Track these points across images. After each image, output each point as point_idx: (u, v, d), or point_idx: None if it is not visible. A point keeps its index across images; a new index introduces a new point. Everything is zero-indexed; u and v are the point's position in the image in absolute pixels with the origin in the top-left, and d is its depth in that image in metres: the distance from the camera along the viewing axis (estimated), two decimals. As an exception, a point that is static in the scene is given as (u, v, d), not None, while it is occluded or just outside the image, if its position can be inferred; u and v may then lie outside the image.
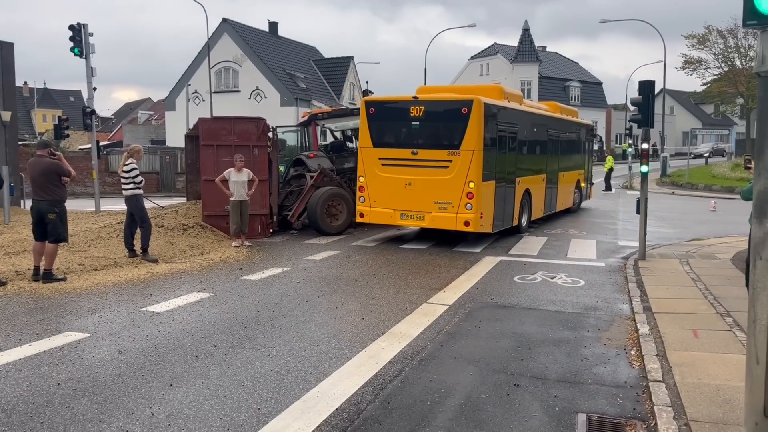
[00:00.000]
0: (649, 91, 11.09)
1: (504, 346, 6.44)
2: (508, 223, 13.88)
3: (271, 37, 48.47)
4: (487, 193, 12.56)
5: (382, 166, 12.93)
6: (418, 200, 12.52)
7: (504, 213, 13.47)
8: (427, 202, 12.43)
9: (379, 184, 12.92)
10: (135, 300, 8.24)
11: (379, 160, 12.95)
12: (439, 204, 12.34)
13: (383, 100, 13.81)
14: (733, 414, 4.54)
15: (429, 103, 12.73)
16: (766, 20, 3.21)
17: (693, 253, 11.80)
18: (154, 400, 4.91)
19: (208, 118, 15.40)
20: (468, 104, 12.15)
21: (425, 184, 12.47)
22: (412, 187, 12.55)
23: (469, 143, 12.12)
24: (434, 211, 12.41)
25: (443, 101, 13.01)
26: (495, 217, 12.99)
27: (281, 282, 9.49)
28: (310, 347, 6.30)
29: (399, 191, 12.64)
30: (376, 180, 12.97)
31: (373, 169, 12.99)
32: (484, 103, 12.28)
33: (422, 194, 12.45)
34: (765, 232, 3.36)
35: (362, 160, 13.23)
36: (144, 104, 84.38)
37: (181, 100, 42.77)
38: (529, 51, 59.49)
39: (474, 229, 12.27)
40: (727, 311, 7.44)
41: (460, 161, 12.18)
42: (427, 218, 12.54)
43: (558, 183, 17.18)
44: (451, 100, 12.90)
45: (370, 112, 13.15)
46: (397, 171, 12.73)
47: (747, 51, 51.23)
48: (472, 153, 12.11)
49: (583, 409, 4.85)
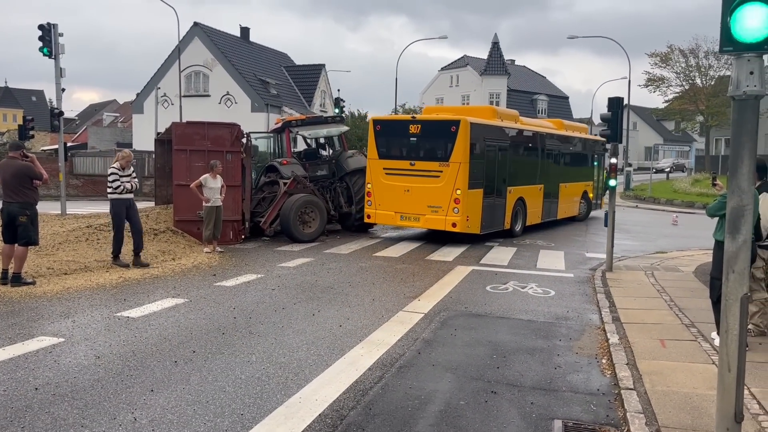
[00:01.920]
0: (618, 107, 11.45)
1: (480, 353, 6.57)
2: (498, 227, 15.54)
3: (243, 43, 48.21)
4: (473, 199, 14.34)
5: (385, 175, 14.89)
6: (414, 204, 14.44)
7: (493, 217, 15.20)
8: (422, 206, 14.35)
9: (383, 190, 14.89)
10: (108, 305, 8.15)
11: (383, 169, 14.94)
12: (432, 208, 14.23)
13: (388, 119, 16.25)
14: (701, 420, 4.74)
15: (424, 122, 14.89)
16: (741, 47, 3.41)
17: (657, 266, 12.16)
18: (135, 405, 4.89)
19: (182, 123, 15.29)
20: (456, 123, 14.09)
21: (420, 191, 14.34)
22: (410, 193, 14.50)
23: (457, 156, 13.99)
24: (428, 214, 14.33)
25: (436, 120, 14.97)
26: (483, 220, 14.74)
27: (256, 288, 9.48)
28: (289, 354, 6.33)
29: (399, 196, 14.61)
30: (380, 187, 14.94)
31: (379, 177, 14.98)
32: (470, 122, 14.15)
33: (418, 199, 14.38)
34: (737, 246, 3.55)
35: (370, 170, 15.24)
36: (109, 106, 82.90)
37: (150, 103, 42.19)
38: (498, 64, 60.37)
39: (460, 229, 14.09)
40: (692, 322, 7.72)
41: (449, 171, 14.04)
42: (422, 220, 14.51)
43: (559, 193, 18.71)
44: (442, 120, 14.82)
45: (377, 128, 15.22)
46: (398, 179, 14.69)
47: (707, 70, 52.94)
48: (459, 165, 13.98)
49: (558, 416, 5.00)
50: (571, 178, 19.64)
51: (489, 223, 15.07)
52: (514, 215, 16.18)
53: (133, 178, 11.12)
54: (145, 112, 43.54)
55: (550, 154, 18.24)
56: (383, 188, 14.86)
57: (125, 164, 10.98)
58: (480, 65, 61.36)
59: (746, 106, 3.46)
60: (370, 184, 15.16)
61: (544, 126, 19.26)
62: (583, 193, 21.05)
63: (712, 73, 52.55)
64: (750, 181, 3.51)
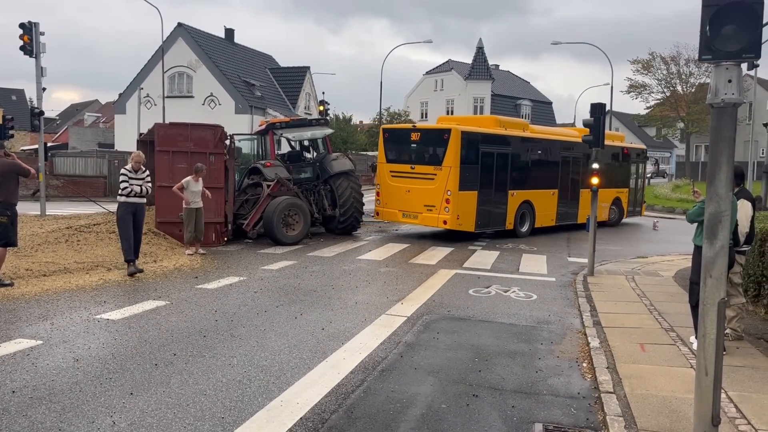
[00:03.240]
0: (600, 113, 11.55)
1: (462, 357, 6.59)
2: (498, 227, 17.03)
3: (227, 44, 48.00)
4: (464, 200, 15.72)
5: (391, 177, 16.72)
6: (413, 203, 16.11)
7: (490, 217, 16.64)
8: (419, 205, 16.00)
9: (389, 191, 16.73)
10: (88, 307, 8.06)
11: (389, 172, 16.78)
12: (427, 207, 15.83)
13: (394, 128, 18.26)
14: (679, 424, 4.80)
15: (422, 130, 16.81)
16: (720, 55, 3.47)
17: (638, 270, 12.29)
18: (114, 409, 4.84)
19: (165, 124, 15.17)
20: (448, 132, 15.73)
21: (418, 192, 16.00)
22: (410, 193, 16.21)
23: (448, 161, 15.55)
24: (424, 212, 15.94)
25: (431, 129, 16.87)
26: (477, 220, 16.21)
27: (238, 291, 9.43)
28: (271, 357, 6.30)
29: (401, 196, 16.37)
30: (387, 187, 16.81)
31: (386, 179, 16.86)
32: (461, 131, 15.71)
33: (416, 199, 16.04)
34: (715, 252, 3.60)
35: (379, 172, 17.24)
36: (91, 106, 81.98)
37: (132, 103, 41.85)
38: (482, 69, 60.68)
39: (451, 227, 15.75)
40: (671, 326, 7.81)
41: (441, 174, 15.63)
42: (419, 217, 16.08)
43: (580, 198, 19.54)
44: (436, 129, 16.68)
45: (386, 136, 17.26)
46: (401, 181, 16.47)
47: (688, 78, 53.70)
48: (450, 168, 15.52)
49: (539, 419, 5.03)
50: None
51: (485, 223, 16.51)
52: (520, 217, 17.47)
53: (146, 181, 10.59)
54: (127, 113, 43.19)
55: (566, 161, 19.14)
56: (389, 189, 16.72)
57: (137, 166, 10.56)
58: (464, 70, 61.62)
59: (724, 114, 3.52)
60: (379, 185, 17.13)
61: (558, 134, 20.13)
62: (615, 199, 21.67)
63: (693, 80, 53.37)
64: (728, 187, 3.56)
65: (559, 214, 19.00)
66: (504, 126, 17.82)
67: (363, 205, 17.02)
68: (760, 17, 3.44)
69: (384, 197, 16.85)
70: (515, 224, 17.35)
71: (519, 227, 17.49)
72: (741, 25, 3.42)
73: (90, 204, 15.76)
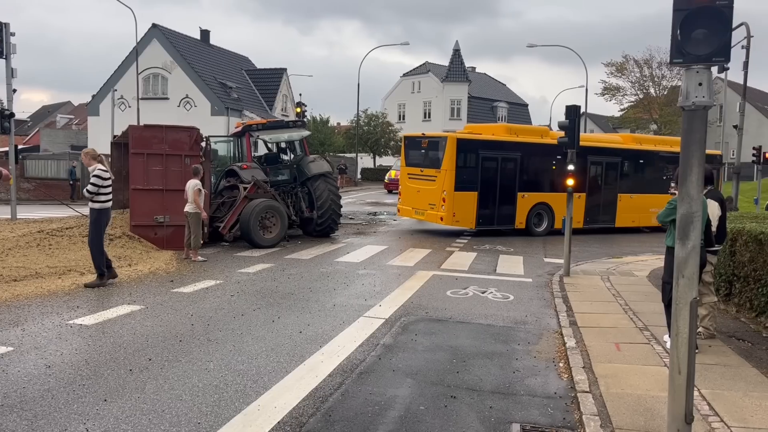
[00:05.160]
0: (575, 115, 11.68)
1: (440, 358, 6.60)
2: (505, 225, 18.58)
3: (203, 45, 47.60)
4: (461, 200, 17.50)
5: (408, 179, 19.02)
6: (421, 202, 18.24)
7: (494, 216, 18.30)
8: (425, 203, 18.11)
9: (407, 191, 19.04)
10: (60, 312, 7.92)
11: (407, 174, 19.09)
12: (430, 205, 17.88)
13: (411, 135, 20.01)
14: (654, 422, 4.86)
15: (429, 138, 18.87)
16: (690, 59, 3.52)
17: (613, 271, 12.44)
18: (87, 416, 4.76)
19: (139, 126, 14.98)
20: (445, 139, 17.84)
21: (425, 192, 18.13)
22: (420, 193, 18.38)
23: (445, 165, 17.43)
24: (428, 210, 17.98)
25: (434, 137, 18.91)
26: (478, 218, 17.94)
27: (215, 295, 9.34)
28: (248, 361, 6.25)
29: (414, 195, 18.59)
30: (405, 188, 19.17)
31: (405, 180, 19.24)
32: (456, 138, 17.82)
33: (423, 198, 18.15)
34: (687, 252, 3.66)
35: (401, 174, 19.70)
36: (63, 108, 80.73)
37: (106, 105, 41.27)
38: (459, 71, 61.00)
39: (447, 223, 17.67)
40: (646, 325, 7.91)
41: (440, 176, 17.60)
42: (425, 214, 18.12)
43: (617, 203, 20.33)
44: (437, 136, 18.83)
45: (405, 143, 19.72)
46: (414, 182, 18.67)
47: (660, 80, 54.59)
48: (446, 171, 17.42)
49: (516, 419, 5.05)
50: (639, 190, 20.69)
51: (488, 221, 18.19)
52: (536, 217, 18.84)
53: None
54: (101, 115, 42.60)
55: (596, 165, 19.85)
56: (407, 189, 19.02)
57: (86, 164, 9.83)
58: (441, 72, 61.89)
59: (695, 116, 3.57)
60: (401, 186, 19.57)
61: (588, 140, 20.86)
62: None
63: (665, 83, 54.27)
64: (699, 188, 3.62)
65: (588, 217, 19.82)
66: (515, 133, 19.23)
67: (341, 207, 16.98)
68: (729, 21, 3.50)
69: (403, 196, 19.30)
70: (528, 224, 18.67)
71: (534, 227, 18.78)
72: (711, 29, 3.48)
73: (62, 207, 15.51)
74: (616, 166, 20.32)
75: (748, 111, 36.01)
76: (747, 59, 21.91)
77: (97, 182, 9.45)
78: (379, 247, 15.11)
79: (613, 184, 20.24)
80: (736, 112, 27.99)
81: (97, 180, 9.46)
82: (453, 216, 17.42)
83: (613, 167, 20.25)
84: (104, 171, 9.58)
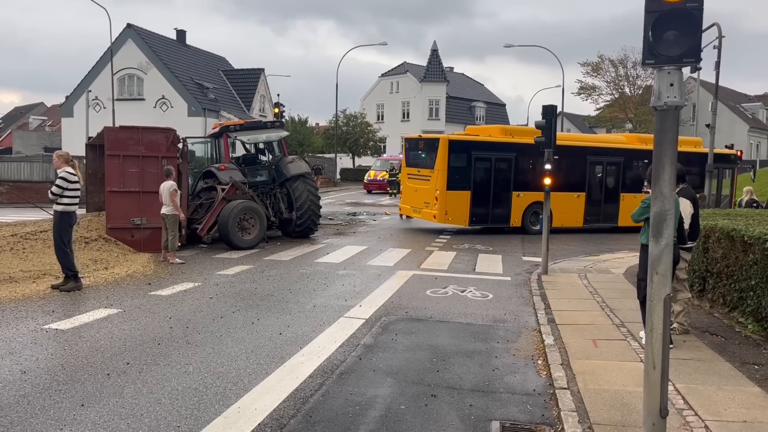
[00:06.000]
0: (552, 115, 11.81)
1: (420, 358, 6.64)
2: (500, 224, 19.00)
3: (179, 46, 47.14)
4: (453, 198, 18.10)
5: (408, 179, 19.90)
6: (418, 200, 19.10)
7: (488, 215, 18.77)
8: (420, 202, 18.96)
9: (406, 190, 20.17)
10: (35, 317, 7.80)
11: (407, 174, 19.95)
12: (425, 203, 18.69)
13: (410, 137, 21.05)
14: (630, 417, 4.94)
15: (425, 140, 20.13)
16: (662, 60, 3.59)
17: (590, 268, 12.60)
18: (65, 422, 4.70)
19: (115, 127, 14.81)
20: (437, 140, 18.58)
21: (421, 191, 18.95)
22: (417, 192, 19.21)
23: (438, 165, 18.07)
24: (423, 208, 18.80)
25: (428, 138, 20.16)
26: (471, 216, 18.48)
27: (193, 297, 9.27)
28: (227, 363, 6.22)
29: (412, 194, 19.56)
30: (405, 187, 20.26)
31: (405, 180, 20.22)
32: (448, 139, 18.61)
33: (420, 197, 18.98)
34: (660, 249, 3.73)
35: (402, 175, 20.72)
36: (36, 109, 79.44)
37: (80, 106, 40.66)
38: (437, 71, 61.21)
39: (439, 221, 18.30)
40: (622, 322, 8.03)
41: (434, 176, 18.28)
42: (421, 212, 19.04)
43: (619, 203, 20.40)
44: (431, 138, 19.99)
45: (406, 145, 20.72)
46: (412, 182, 19.58)
47: (635, 80, 55.34)
48: (439, 172, 18.07)
49: (496, 417, 5.10)
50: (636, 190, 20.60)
51: (482, 219, 18.78)
52: (532, 216, 19.15)
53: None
54: (75, 116, 41.95)
55: (597, 165, 20.14)
56: (406, 188, 20.06)
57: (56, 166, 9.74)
58: (420, 72, 62.06)
59: (667, 116, 3.64)
60: (402, 185, 20.80)
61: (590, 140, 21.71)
62: None
63: (640, 82, 55.03)
64: (671, 187, 3.69)
65: (588, 216, 20.04)
66: (511, 134, 19.67)
67: (320, 208, 16.94)
68: (699, 23, 3.57)
69: (403, 195, 20.45)
70: (524, 223, 19.08)
71: (531, 226, 19.08)
72: (682, 31, 3.55)
73: (36, 210, 15.26)
74: (619, 166, 20.40)
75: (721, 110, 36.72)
76: (719, 59, 22.27)
77: (62, 184, 9.34)
78: (359, 248, 15.11)
79: (616, 183, 20.41)
80: (708, 111, 28.51)
81: (63, 182, 9.35)
82: (445, 214, 18.03)
83: (616, 167, 20.38)
84: (71, 174, 9.46)
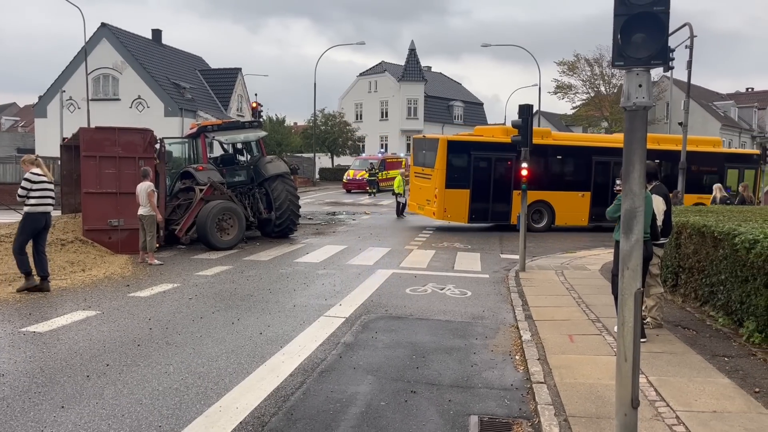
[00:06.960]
0: (528, 114, 11.97)
1: (400, 355, 6.71)
2: (500, 221, 19.64)
3: (155, 45, 46.68)
4: (452, 197, 18.84)
5: (415, 177, 21.04)
6: (422, 198, 20.13)
7: (488, 212, 19.51)
8: (423, 199, 19.96)
9: (414, 188, 21.10)
10: (12, 320, 7.73)
11: (414, 173, 21.08)
12: (427, 201, 19.62)
13: (417, 138, 22.16)
14: (604, 408, 5.07)
15: (428, 140, 21.11)
16: (631, 62, 3.70)
17: (567, 265, 12.79)
18: (45, 423, 4.69)
19: (91, 128, 14.68)
20: (437, 141, 19.66)
21: (424, 189, 19.97)
22: (421, 189, 20.28)
23: (437, 165, 18.94)
24: (426, 205, 19.69)
25: (429, 138, 21.28)
26: (471, 213, 19.19)
27: (172, 298, 9.25)
28: (208, 363, 6.24)
29: (417, 192, 20.63)
30: (413, 185, 21.21)
31: (413, 179, 21.29)
32: (447, 140, 19.61)
33: (423, 194, 19.98)
34: (631, 245, 3.84)
35: (410, 173, 21.71)
36: (8, 110, 78.14)
37: (54, 107, 40.12)
38: (415, 70, 61.38)
39: (438, 218, 19.32)
40: (597, 317, 8.19)
41: (434, 175, 19.16)
42: (424, 209, 19.88)
43: None
44: (431, 138, 21.06)
45: (413, 144, 21.82)
46: (418, 180, 20.72)
47: (610, 79, 56.01)
48: (438, 171, 18.91)
49: (474, 412, 5.20)
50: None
51: (481, 217, 19.49)
52: (535, 214, 19.70)
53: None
54: (48, 117, 41.38)
55: (602, 165, 20.28)
56: (414, 186, 21.01)
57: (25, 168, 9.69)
58: (398, 71, 62.17)
59: (636, 116, 3.76)
60: (410, 184, 21.58)
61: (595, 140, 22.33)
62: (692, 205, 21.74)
63: (615, 81, 55.64)
64: (641, 184, 3.81)
65: (594, 215, 20.18)
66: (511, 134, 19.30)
67: (299, 208, 16.94)
68: (666, 26, 3.69)
69: (411, 193, 21.32)
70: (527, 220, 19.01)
71: (533, 224, 19.44)
72: (649, 34, 3.66)
73: (10, 212, 15.03)
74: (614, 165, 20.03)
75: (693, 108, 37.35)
76: (690, 59, 22.68)
77: (26, 185, 9.33)
78: (339, 247, 15.15)
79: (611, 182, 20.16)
80: (681, 109, 29.02)
81: (27, 183, 9.34)
82: (444, 211, 18.81)
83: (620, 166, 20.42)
84: (35, 174, 9.40)
